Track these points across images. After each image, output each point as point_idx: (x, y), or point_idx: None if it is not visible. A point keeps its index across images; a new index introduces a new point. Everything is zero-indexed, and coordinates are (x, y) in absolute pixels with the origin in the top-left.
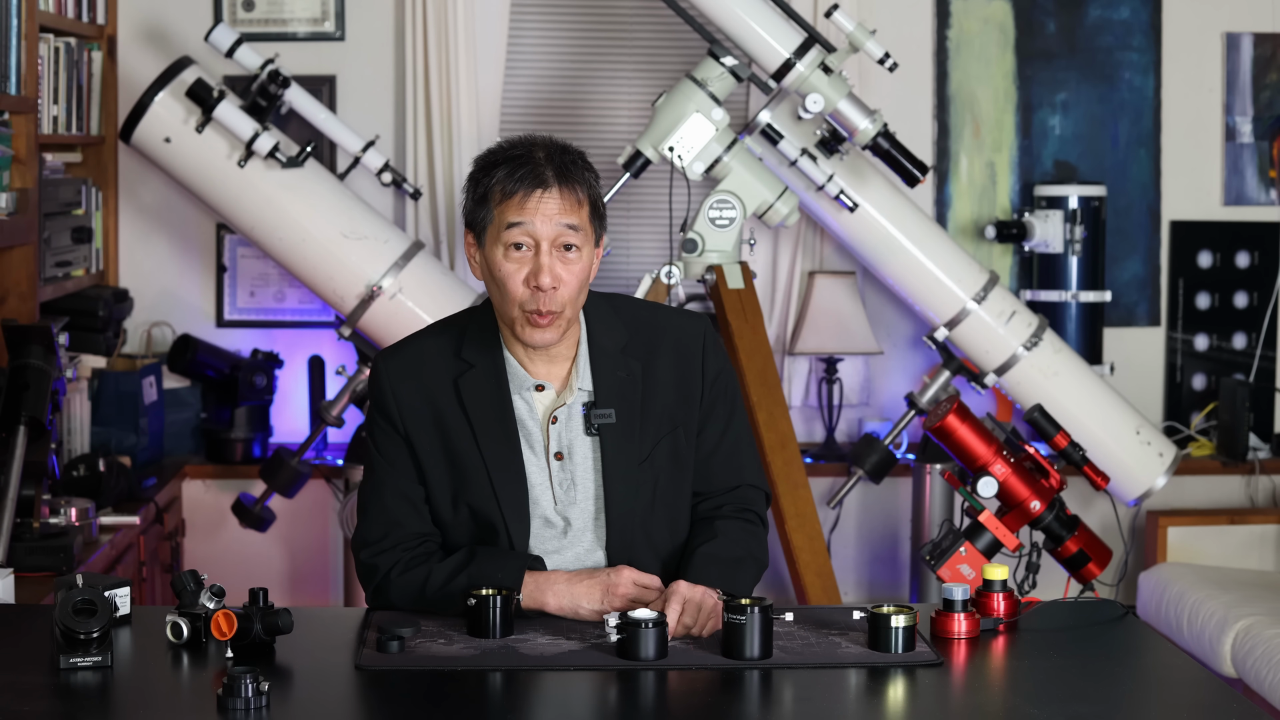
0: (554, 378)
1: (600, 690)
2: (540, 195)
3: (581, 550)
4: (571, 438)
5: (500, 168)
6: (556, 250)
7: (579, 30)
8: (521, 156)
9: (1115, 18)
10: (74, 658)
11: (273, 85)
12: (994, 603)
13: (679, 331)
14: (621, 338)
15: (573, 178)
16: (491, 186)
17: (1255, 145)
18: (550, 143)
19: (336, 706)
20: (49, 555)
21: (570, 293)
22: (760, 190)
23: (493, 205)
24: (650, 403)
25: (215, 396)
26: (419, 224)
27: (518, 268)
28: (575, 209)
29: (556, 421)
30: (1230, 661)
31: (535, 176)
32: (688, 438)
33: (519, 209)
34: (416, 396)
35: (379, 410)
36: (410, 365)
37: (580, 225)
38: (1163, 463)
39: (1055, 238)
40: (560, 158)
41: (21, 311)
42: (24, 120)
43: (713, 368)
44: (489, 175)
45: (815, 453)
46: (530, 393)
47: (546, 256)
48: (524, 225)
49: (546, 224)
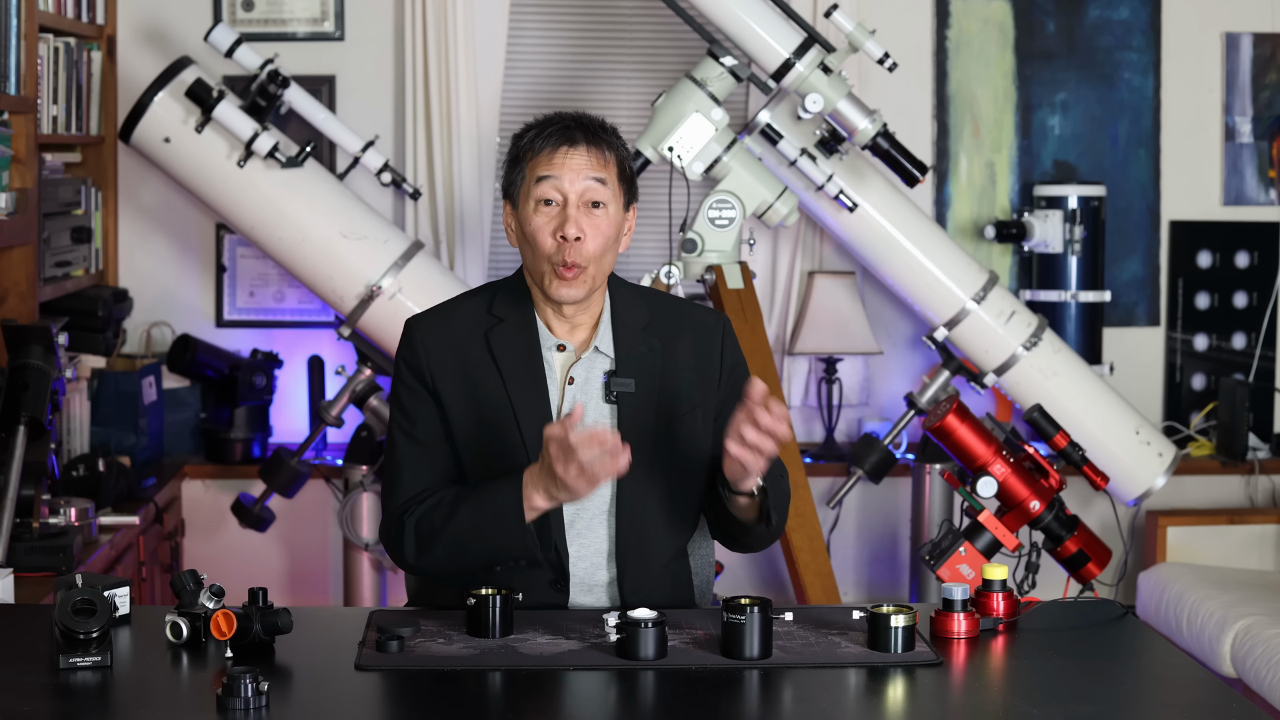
0: (575, 341)
1: (600, 690)
2: (567, 151)
3: (588, 515)
4: (586, 402)
5: (531, 130)
6: (584, 206)
7: (579, 30)
8: (552, 119)
9: (1115, 18)
10: (74, 658)
11: (272, 85)
12: (993, 602)
13: (700, 319)
14: (644, 316)
15: (600, 138)
16: (523, 147)
17: (1255, 145)
18: (582, 113)
19: (336, 706)
20: (48, 555)
21: (596, 247)
22: (760, 190)
23: (524, 164)
24: (669, 380)
25: (215, 396)
26: (418, 224)
27: (546, 221)
28: (602, 165)
29: (573, 383)
30: (1230, 661)
31: (563, 134)
32: (705, 420)
33: (547, 163)
34: (445, 347)
35: (407, 365)
36: (441, 320)
37: (608, 181)
38: (1162, 463)
39: (1055, 238)
40: (590, 122)
41: (21, 311)
42: (24, 120)
43: (730, 357)
44: (521, 138)
45: (815, 453)
46: (551, 352)
47: (574, 209)
48: (552, 179)
49: (574, 178)
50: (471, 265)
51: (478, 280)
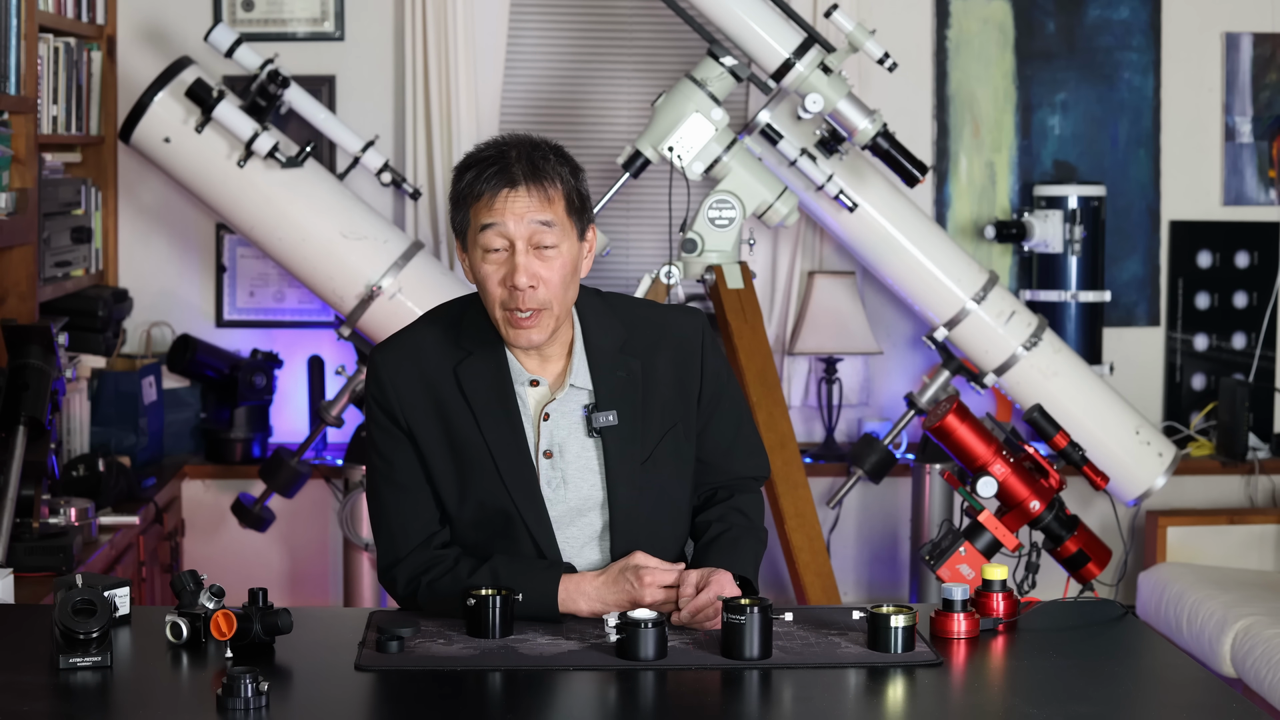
0: (548, 374)
1: (600, 690)
2: (508, 194)
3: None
4: (564, 437)
5: (471, 170)
6: (533, 249)
7: (579, 30)
8: (491, 157)
9: (1115, 18)
10: (74, 658)
11: (272, 85)
12: (993, 603)
13: (677, 329)
14: (619, 335)
15: (543, 174)
16: (464, 190)
17: (1255, 145)
18: (523, 140)
19: (336, 706)
20: (48, 555)
21: (552, 291)
22: (760, 190)
23: (468, 208)
24: (651, 401)
25: (215, 396)
26: (418, 224)
27: (495, 269)
28: (546, 205)
29: (548, 419)
30: (1230, 661)
31: (503, 175)
32: (687, 434)
33: (489, 209)
34: (416, 385)
35: (378, 405)
36: (407, 355)
37: (555, 221)
38: (1162, 463)
39: (1055, 238)
40: (530, 155)
41: (21, 311)
42: (23, 120)
43: (711, 364)
44: (462, 179)
45: (815, 453)
46: (524, 388)
47: (522, 256)
48: (496, 226)
49: (519, 223)
50: None
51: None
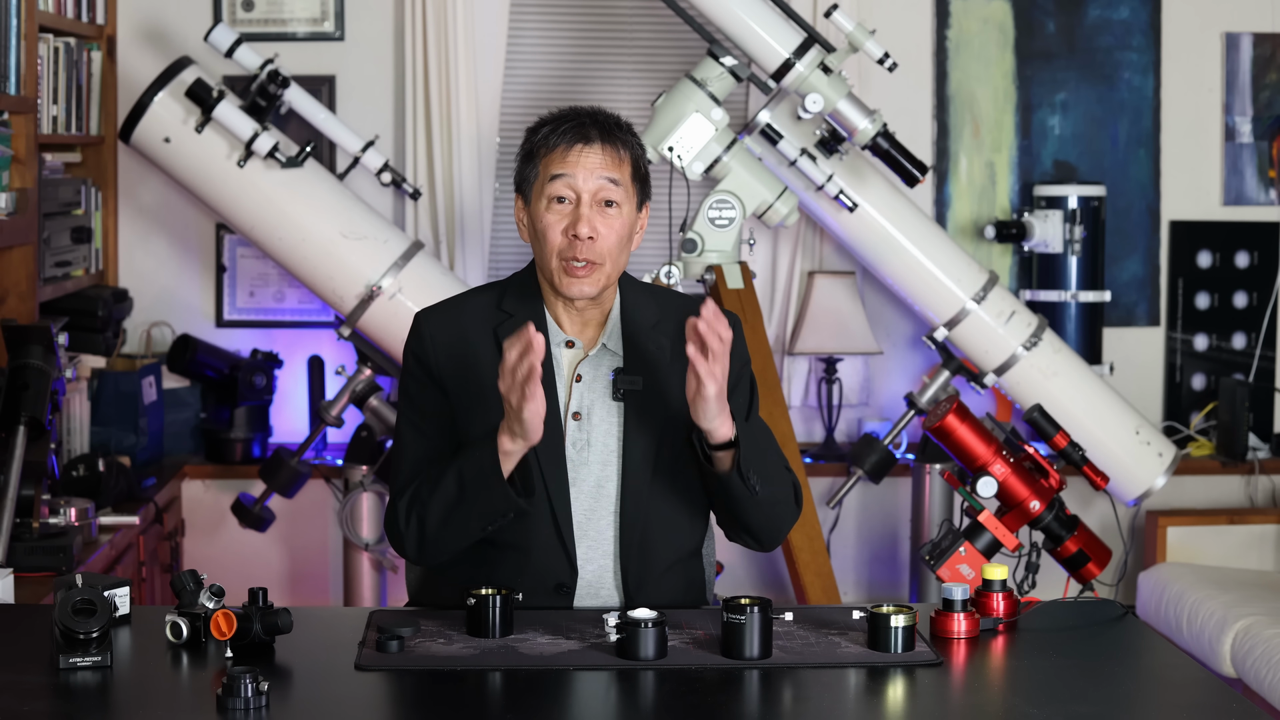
0: (585, 338)
1: (600, 690)
2: (582, 148)
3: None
4: (593, 400)
5: (547, 125)
6: (597, 205)
7: (579, 30)
8: (566, 115)
9: (1115, 18)
10: (74, 658)
11: (272, 85)
12: (993, 603)
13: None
14: (654, 315)
15: (615, 136)
16: (537, 143)
17: (1255, 145)
18: (598, 109)
19: (336, 706)
20: (48, 555)
21: (609, 246)
22: (760, 190)
23: (538, 160)
24: (674, 378)
25: (215, 396)
26: (419, 224)
27: (558, 219)
28: (617, 164)
29: (580, 380)
30: (1230, 661)
31: (578, 131)
32: None
33: (562, 161)
34: (454, 339)
35: (414, 356)
36: (450, 314)
37: (621, 181)
38: (1162, 462)
39: (1055, 238)
40: (605, 119)
41: (21, 311)
42: (23, 120)
43: (739, 356)
44: (535, 133)
45: (815, 453)
46: (560, 348)
47: (587, 208)
48: (566, 177)
49: (588, 177)
50: (471, 265)
51: (477, 280)
